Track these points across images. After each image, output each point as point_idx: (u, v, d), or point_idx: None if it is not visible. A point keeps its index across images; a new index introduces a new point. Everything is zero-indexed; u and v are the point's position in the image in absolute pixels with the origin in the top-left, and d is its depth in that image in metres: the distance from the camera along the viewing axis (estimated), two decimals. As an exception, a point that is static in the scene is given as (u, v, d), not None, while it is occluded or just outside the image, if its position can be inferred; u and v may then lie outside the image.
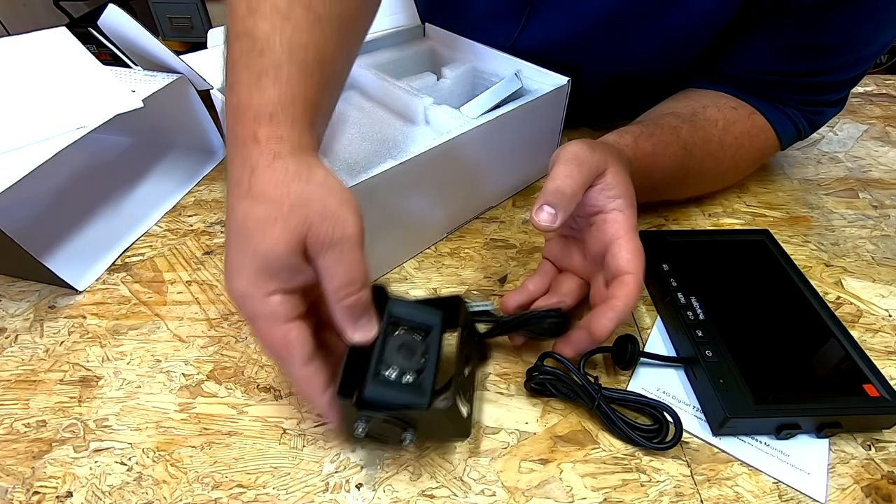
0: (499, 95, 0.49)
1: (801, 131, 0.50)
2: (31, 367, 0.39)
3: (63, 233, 0.49)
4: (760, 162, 0.53)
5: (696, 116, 0.47)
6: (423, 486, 0.32)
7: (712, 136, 0.47)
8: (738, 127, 0.48)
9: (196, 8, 1.61)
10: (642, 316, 0.42)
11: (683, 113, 0.48)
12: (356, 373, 0.30)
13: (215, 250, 0.48)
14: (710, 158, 0.48)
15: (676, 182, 0.47)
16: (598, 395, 0.34)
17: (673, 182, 0.47)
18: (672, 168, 0.45)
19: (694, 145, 0.46)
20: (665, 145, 0.44)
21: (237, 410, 0.36)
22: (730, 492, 0.32)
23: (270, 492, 0.32)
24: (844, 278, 0.45)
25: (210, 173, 0.57)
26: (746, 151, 0.49)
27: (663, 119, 0.47)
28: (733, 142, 0.48)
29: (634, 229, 0.35)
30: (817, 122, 0.50)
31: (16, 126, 0.43)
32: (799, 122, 0.49)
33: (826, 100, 0.49)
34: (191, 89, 0.52)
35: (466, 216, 0.50)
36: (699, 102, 0.49)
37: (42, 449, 0.34)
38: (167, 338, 0.41)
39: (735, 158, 0.49)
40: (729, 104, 0.49)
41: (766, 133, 0.49)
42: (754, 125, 0.49)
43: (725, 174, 0.51)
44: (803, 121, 0.49)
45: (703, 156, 0.47)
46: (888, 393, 0.33)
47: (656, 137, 0.44)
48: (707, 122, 0.47)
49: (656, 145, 0.44)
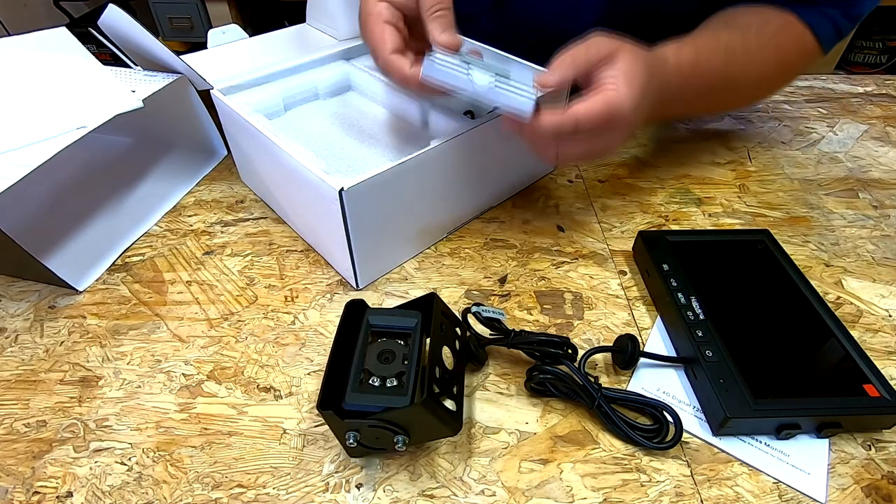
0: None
1: (840, 29, 0.49)
2: (31, 367, 0.39)
3: (63, 233, 0.49)
4: (802, 65, 0.52)
5: (730, 22, 0.47)
6: (423, 486, 0.32)
7: (749, 39, 0.47)
8: (772, 26, 0.48)
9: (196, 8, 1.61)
10: (642, 316, 0.42)
11: (716, 21, 0.48)
12: (340, 387, 0.31)
13: (215, 250, 0.48)
14: (752, 60, 0.48)
15: (723, 87, 0.48)
16: (598, 394, 0.34)
17: (720, 86, 0.47)
18: (716, 72, 0.46)
19: (735, 48, 0.46)
20: (708, 50, 0.45)
21: (237, 410, 0.36)
22: (730, 492, 0.32)
23: (270, 492, 0.32)
24: (844, 278, 0.45)
25: (210, 173, 0.57)
26: (786, 49, 0.49)
27: (699, 29, 0.46)
28: (769, 41, 0.48)
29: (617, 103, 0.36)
30: (855, 14, 0.49)
31: (16, 126, 0.43)
32: (835, 19, 0.49)
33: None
34: (191, 89, 0.52)
35: (466, 216, 0.50)
36: (730, 14, 0.49)
37: (42, 449, 0.34)
38: (167, 338, 0.41)
39: (777, 56, 0.49)
40: (760, 10, 0.48)
41: (801, 32, 0.49)
42: (787, 22, 0.48)
43: (774, 73, 0.51)
44: (840, 17, 0.49)
45: (745, 59, 0.47)
46: (888, 393, 0.33)
47: (698, 45, 0.44)
48: (742, 25, 0.47)
49: (699, 50, 0.44)
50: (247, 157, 0.51)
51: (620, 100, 0.35)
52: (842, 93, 0.71)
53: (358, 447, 0.31)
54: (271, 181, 0.49)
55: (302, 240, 0.49)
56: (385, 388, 0.30)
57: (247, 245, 0.49)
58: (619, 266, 0.46)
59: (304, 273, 0.46)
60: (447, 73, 0.38)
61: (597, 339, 0.40)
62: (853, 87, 0.72)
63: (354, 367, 0.31)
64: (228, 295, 0.44)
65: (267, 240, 0.49)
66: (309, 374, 0.38)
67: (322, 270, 0.46)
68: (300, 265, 0.46)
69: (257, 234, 0.50)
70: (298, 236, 0.49)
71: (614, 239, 0.49)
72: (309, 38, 0.62)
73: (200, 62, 0.54)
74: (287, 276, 0.45)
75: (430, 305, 0.34)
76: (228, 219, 0.52)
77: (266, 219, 0.51)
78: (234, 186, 0.56)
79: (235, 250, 0.48)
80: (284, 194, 0.48)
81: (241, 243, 0.49)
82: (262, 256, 0.47)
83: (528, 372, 0.36)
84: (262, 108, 0.50)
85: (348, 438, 0.30)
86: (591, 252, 0.47)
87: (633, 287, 0.44)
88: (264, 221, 0.51)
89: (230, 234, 0.50)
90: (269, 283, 0.45)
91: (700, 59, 0.44)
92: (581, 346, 0.39)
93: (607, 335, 0.40)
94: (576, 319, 0.42)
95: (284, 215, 0.51)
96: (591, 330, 0.41)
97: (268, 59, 0.55)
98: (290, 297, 0.44)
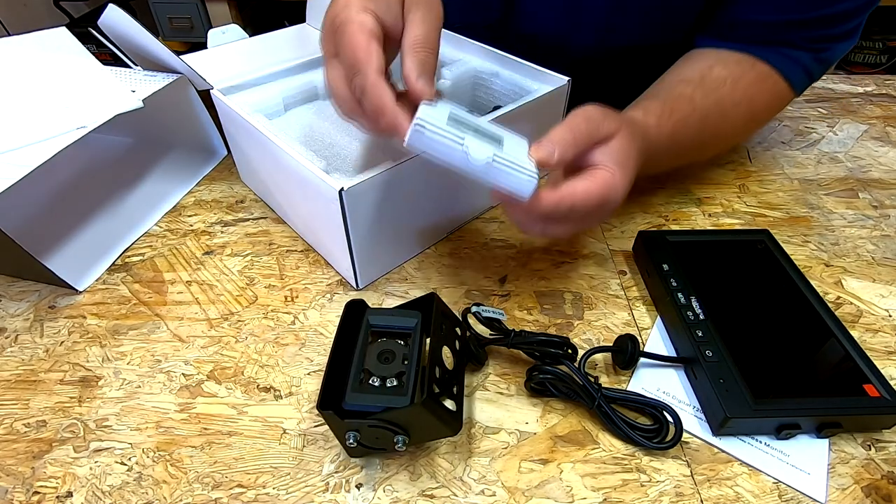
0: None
1: (811, 73, 0.50)
2: (31, 367, 0.39)
3: (63, 233, 0.49)
4: (776, 109, 0.53)
5: (705, 79, 0.48)
6: (423, 486, 0.32)
7: (723, 97, 0.47)
8: (745, 79, 0.48)
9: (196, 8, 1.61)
10: (642, 316, 0.42)
11: (692, 78, 0.48)
12: (340, 387, 0.31)
13: (215, 250, 0.48)
14: (725, 119, 0.48)
15: (696, 149, 0.49)
16: (599, 394, 0.34)
17: (692, 150, 0.48)
18: (691, 139, 0.46)
19: (708, 111, 0.46)
20: (684, 121, 0.45)
21: (237, 410, 0.36)
22: (730, 492, 0.32)
23: (270, 492, 0.32)
24: (844, 278, 0.45)
25: (210, 173, 0.57)
26: (758, 102, 0.49)
27: (677, 89, 0.47)
28: (742, 96, 0.48)
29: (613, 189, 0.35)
30: (828, 59, 0.49)
31: (16, 126, 0.43)
32: (806, 64, 0.49)
33: (835, 32, 0.48)
34: (191, 89, 0.52)
35: (466, 216, 0.50)
36: (705, 63, 0.49)
37: (42, 449, 0.34)
38: (167, 338, 0.41)
39: (749, 112, 0.49)
40: (732, 59, 0.49)
41: (774, 79, 0.49)
42: (759, 74, 0.49)
43: (744, 128, 0.52)
44: (811, 62, 0.49)
45: (719, 119, 0.47)
46: (888, 393, 0.33)
47: (676, 116, 0.44)
48: (716, 82, 0.47)
49: (676, 124, 0.44)
50: (247, 157, 0.51)
51: (616, 184, 0.35)
52: (842, 93, 0.71)
53: (358, 447, 0.31)
54: (271, 181, 0.49)
55: (302, 240, 0.49)
56: (385, 388, 0.30)
57: (247, 245, 0.49)
58: (619, 266, 0.46)
59: (304, 273, 0.46)
60: (438, 143, 0.31)
61: (597, 339, 0.40)
62: (853, 87, 0.72)
63: (354, 367, 0.31)
64: (228, 295, 0.44)
65: (267, 240, 0.49)
66: (309, 374, 0.38)
67: (322, 270, 0.46)
68: (300, 265, 0.46)
69: (257, 234, 0.50)
70: (298, 236, 0.49)
71: (614, 239, 0.49)
72: (309, 38, 0.62)
73: (200, 62, 0.54)
74: (287, 276, 0.45)
75: (430, 305, 0.34)
76: (228, 219, 0.52)
77: (266, 219, 0.51)
78: (234, 186, 0.56)
79: (235, 250, 0.48)
80: (284, 194, 0.48)
81: (241, 243, 0.49)
82: (262, 256, 0.47)
83: (528, 372, 0.36)
84: (262, 108, 0.50)
85: (348, 438, 0.30)
86: (591, 252, 0.47)
87: (633, 287, 0.44)
88: (264, 221, 0.51)
89: (230, 234, 0.50)
90: (269, 283, 0.45)
91: (677, 129, 0.44)
92: (581, 346, 0.39)
93: (607, 335, 0.40)
94: (576, 319, 0.42)
95: (284, 215, 0.51)
96: (591, 330, 0.41)
97: (268, 59, 0.55)
98: (290, 297, 0.44)
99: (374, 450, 0.32)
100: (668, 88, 0.47)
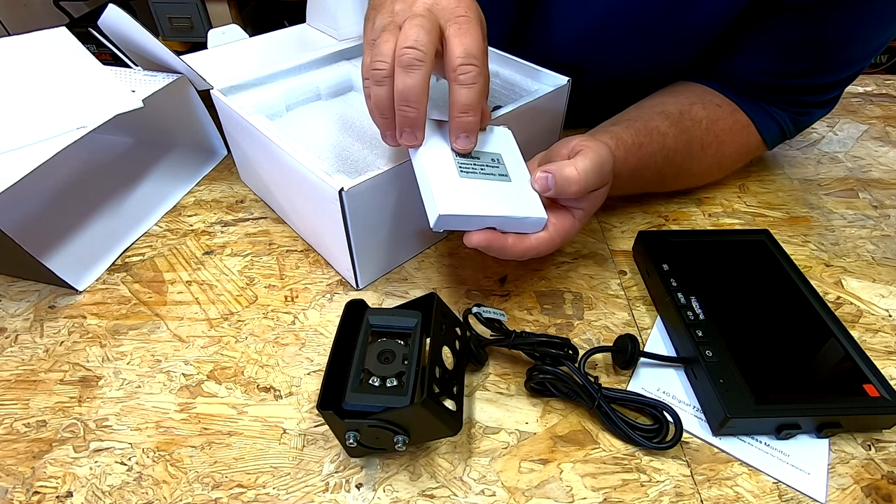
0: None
1: (786, 132, 0.51)
2: (31, 367, 0.39)
3: (63, 233, 0.49)
4: (745, 158, 0.53)
5: (683, 116, 0.48)
6: (423, 486, 0.32)
7: (695, 138, 0.48)
8: (720, 125, 0.49)
9: (196, 8, 1.61)
10: (642, 316, 0.42)
11: (672, 112, 0.48)
12: (340, 387, 0.31)
13: (215, 250, 0.48)
14: (692, 160, 0.49)
15: (655, 183, 0.50)
16: (599, 394, 0.34)
17: (652, 183, 0.50)
18: (653, 173, 0.47)
19: (676, 152, 0.47)
20: (651, 156, 0.46)
21: (237, 410, 0.36)
22: (730, 492, 0.32)
23: (270, 492, 0.32)
24: (844, 278, 0.45)
25: (210, 173, 0.57)
26: (728, 148, 0.50)
27: (653, 122, 0.47)
28: (714, 139, 0.49)
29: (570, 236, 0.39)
30: (804, 122, 0.51)
31: (16, 126, 0.43)
32: (783, 123, 0.50)
33: (815, 100, 0.49)
34: (191, 89, 0.52)
35: (466, 216, 0.50)
36: (687, 99, 0.49)
37: (42, 449, 0.34)
38: (167, 338, 0.41)
39: (717, 156, 0.50)
40: (714, 101, 0.49)
41: (748, 131, 0.50)
42: (736, 122, 0.49)
43: (708, 171, 0.52)
44: (788, 122, 0.50)
45: (684, 160, 0.48)
46: (888, 393, 0.33)
47: (644, 150, 0.45)
48: (692, 121, 0.48)
49: (642, 158, 0.45)
50: (247, 157, 0.51)
51: (588, 218, 0.40)
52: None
53: (358, 447, 0.31)
54: (271, 181, 0.49)
55: (302, 240, 0.49)
56: (385, 388, 0.30)
57: (247, 245, 0.49)
58: (619, 266, 0.46)
59: (304, 273, 0.46)
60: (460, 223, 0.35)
61: (597, 339, 0.40)
62: (853, 87, 0.72)
63: (354, 367, 0.31)
64: (228, 295, 0.44)
65: (267, 240, 0.49)
66: (309, 374, 0.38)
67: (322, 270, 0.46)
68: (300, 265, 0.46)
69: (257, 234, 0.50)
70: (298, 236, 0.49)
71: (614, 239, 0.49)
72: (309, 38, 0.62)
73: (200, 62, 0.54)
74: (287, 276, 0.45)
75: (430, 305, 0.34)
76: (228, 219, 0.52)
77: (266, 219, 0.51)
78: (234, 186, 0.56)
79: (235, 250, 0.48)
80: (284, 194, 0.48)
81: (241, 243, 0.49)
82: (262, 256, 0.47)
83: (528, 372, 0.36)
84: (264, 108, 0.50)
85: (348, 438, 0.30)
86: (591, 252, 0.47)
87: (633, 287, 0.44)
88: (264, 221, 0.51)
89: (230, 234, 0.50)
90: (269, 283, 0.45)
91: (642, 163, 0.45)
92: (581, 346, 0.39)
93: (607, 335, 0.40)
94: (576, 319, 0.42)
95: (284, 215, 0.51)
96: (591, 330, 0.41)
97: (268, 60, 0.55)
98: (290, 297, 0.44)
99: (374, 450, 0.33)
100: (645, 119, 0.47)
